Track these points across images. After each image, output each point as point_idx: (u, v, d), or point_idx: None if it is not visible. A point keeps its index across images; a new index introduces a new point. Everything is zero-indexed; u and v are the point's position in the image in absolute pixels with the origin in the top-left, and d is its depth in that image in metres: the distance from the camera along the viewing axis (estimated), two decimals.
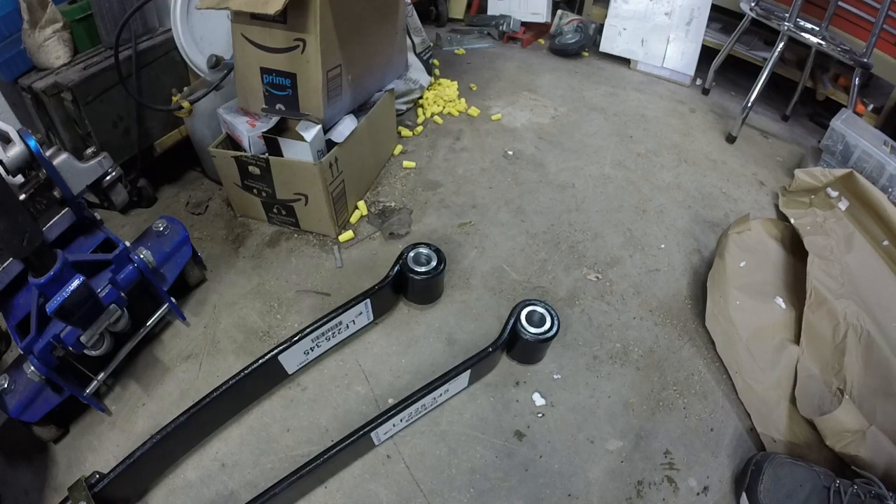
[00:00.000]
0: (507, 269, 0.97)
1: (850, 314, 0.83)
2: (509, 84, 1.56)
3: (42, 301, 0.65)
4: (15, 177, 0.70)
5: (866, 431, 0.68)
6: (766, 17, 1.30)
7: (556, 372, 0.82)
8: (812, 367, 0.80)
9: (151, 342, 0.86)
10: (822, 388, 0.78)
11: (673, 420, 0.76)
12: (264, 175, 0.94)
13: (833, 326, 0.83)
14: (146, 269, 0.77)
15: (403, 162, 1.21)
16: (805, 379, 0.78)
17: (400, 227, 1.04)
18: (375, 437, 0.70)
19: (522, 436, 0.75)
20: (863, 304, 0.87)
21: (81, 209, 0.78)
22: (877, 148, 1.11)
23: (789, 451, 0.72)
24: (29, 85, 0.91)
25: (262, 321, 0.89)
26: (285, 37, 0.82)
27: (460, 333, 0.87)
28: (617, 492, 0.69)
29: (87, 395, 0.74)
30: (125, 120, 0.99)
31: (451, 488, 0.69)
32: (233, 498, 0.69)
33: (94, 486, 0.62)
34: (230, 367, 0.81)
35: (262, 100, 0.90)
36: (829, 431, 0.71)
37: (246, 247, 1.02)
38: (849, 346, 0.80)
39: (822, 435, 0.71)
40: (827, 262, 0.93)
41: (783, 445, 0.73)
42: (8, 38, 0.91)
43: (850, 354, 0.80)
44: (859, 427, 0.69)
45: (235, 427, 0.76)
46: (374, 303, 0.82)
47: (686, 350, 0.85)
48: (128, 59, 0.94)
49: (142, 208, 1.11)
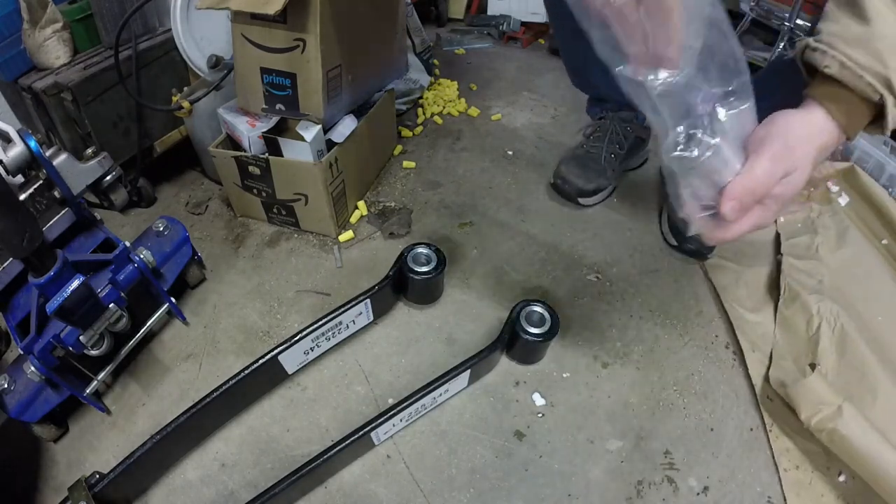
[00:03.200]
0: (507, 269, 0.97)
1: (823, 309, 0.84)
2: (509, 84, 1.56)
3: (42, 301, 0.65)
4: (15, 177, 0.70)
5: (842, 405, 0.68)
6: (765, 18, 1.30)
7: (556, 372, 0.82)
8: (786, 356, 0.80)
9: (151, 342, 0.86)
10: (794, 370, 0.78)
11: (673, 420, 0.76)
12: (264, 175, 0.94)
13: (806, 320, 0.84)
14: (146, 269, 0.77)
15: (403, 162, 1.21)
16: (778, 360, 0.80)
17: (400, 227, 1.04)
18: (375, 437, 0.70)
19: (522, 436, 0.75)
20: (843, 300, 0.87)
21: (81, 209, 0.78)
22: (876, 148, 1.11)
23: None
24: (29, 85, 0.91)
25: (262, 321, 0.89)
26: (285, 37, 0.82)
27: (460, 333, 0.87)
28: (617, 492, 0.69)
29: (86, 394, 0.74)
30: (125, 120, 0.99)
31: (451, 488, 0.69)
32: (233, 498, 0.69)
33: (94, 486, 0.62)
34: (230, 367, 0.81)
35: (262, 100, 0.90)
36: (803, 402, 0.70)
37: (246, 247, 1.02)
38: (822, 337, 0.81)
39: (797, 409, 0.71)
40: (805, 260, 0.93)
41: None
42: (8, 38, 0.91)
43: (823, 344, 0.80)
44: (834, 399, 0.69)
45: (235, 427, 0.76)
46: (373, 303, 0.82)
47: (686, 350, 0.85)
48: (128, 59, 0.94)
49: (142, 208, 1.11)
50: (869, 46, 0.46)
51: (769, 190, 0.47)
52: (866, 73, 0.46)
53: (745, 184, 0.46)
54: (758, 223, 0.49)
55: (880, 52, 0.46)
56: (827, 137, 0.49)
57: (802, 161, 0.48)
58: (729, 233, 0.49)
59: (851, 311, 0.85)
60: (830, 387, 0.71)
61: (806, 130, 0.49)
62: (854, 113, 0.49)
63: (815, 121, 0.49)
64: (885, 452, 0.64)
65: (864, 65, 0.46)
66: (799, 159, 0.48)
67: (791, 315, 0.85)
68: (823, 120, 0.49)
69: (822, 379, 0.72)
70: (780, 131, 0.48)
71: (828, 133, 0.49)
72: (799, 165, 0.48)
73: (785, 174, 0.47)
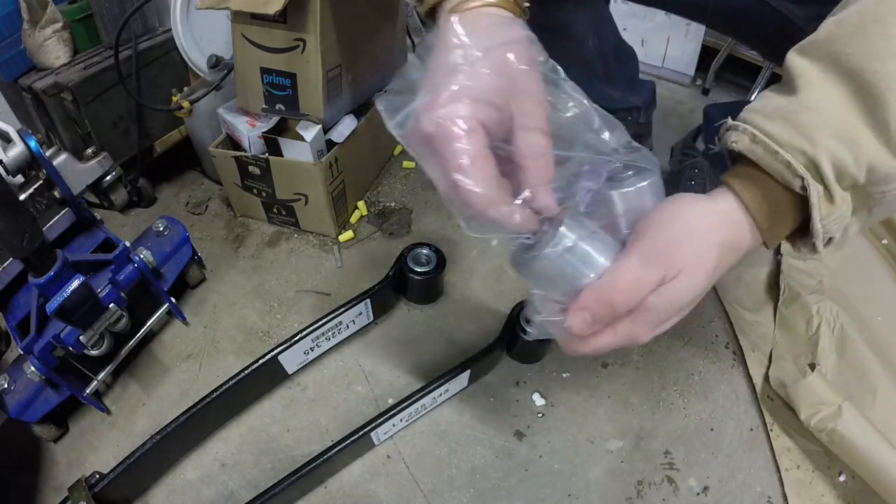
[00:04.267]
0: (507, 269, 0.97)
1: (822, 309, 0.84)
2: None
3: (42, 301, 0.65)
4: (15, 177, 0.70)
5: (842, 405, 0.68)
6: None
7: (556, 372, 0.82)
8: (785, 356, 0.80)
9: (151, 342, 0.86)
10: (794, 369, 0.78)
11: (673, 420, 0.76)
12: (264, 175, 0.94)
13: (806, 320, 0.84)
14: (146, 269, 0.77)
15: (403, 162, 1.21)
16: (778, 360, 0.79)
17: (400, 227, 1.04)
18: (375, 437, 0.70)
19: (522, 436, 0.75)
20: (843, 300, 0.87)
21: (81, 209, 0.78)
22: None
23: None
24: (29, 85, 0.91)
25: (262, 321, 0.89)
26: (285, 37, 0.82)
27: (460, 333, 0.87)
28: (617, 492, 0.69)
29: (86, 394, 0.74)
30: (125, 120, 0.99)
31: (451, 488, 0.69)
32: (233, 498, 0.69)
33: (94, 486, 0.62)
34: (230, 367, 0.81)
35: (262, 100, 0.90)
36: (803, 402, 0.70)
37: (246, 247, 1.02)
38: (822, 337, 0.81)
39: (797, 409, 0.71)
40: (805, 261, 0.93)
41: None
42: (8, 38, 0.91)
43: (822, 344, 0.80)
44: (834, 399, 0.69)
45: (235, 427, 0.76)
46: (374, 303, 0.82)
47: (686, 350, 0.85)
48: (128, 59, 0.94)
49: (142, 208, 1.11)
50: (792, 119, 0.34)
51: (636, 299, 0.35)
52: (784, 150, 0.34)
53: (601, 291, 0.35)
54: (625, 341, 0.38)
55: (807, 126, 0.34)
56: (734, 234, 0.37)
57: (691, 262, 0.36)
58: (586, 347, 0.38)
59: (851, 311, 0.85)
60: (830, 387, 0.71)
61: (704, 220, 0.36)
62: (773, 206, 0.36)
63: (718, 209, 0.37)
64: (884, 452, 0.64)
65: (782, 140, 0.34)
66: (686, 259, 0.35)
67: (790, 315, 0.85)
68: (730, 209, 0.37)
69: (821, 379, 0.72)
70: (664, 219, 0.37)
71: (735, 228, 0.37)
72: (684, 268, 0.35)
73: (662, 280, 0.35)
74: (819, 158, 0.33)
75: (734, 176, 0.38)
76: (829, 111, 0.34)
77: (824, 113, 0.34)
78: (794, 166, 0.34)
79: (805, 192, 0.34)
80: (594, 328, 0.37)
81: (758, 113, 0.36)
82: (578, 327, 0.36)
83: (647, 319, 0.37)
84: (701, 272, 0.36)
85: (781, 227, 0.37)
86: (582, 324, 0.36)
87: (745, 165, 0.37)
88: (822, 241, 0.36)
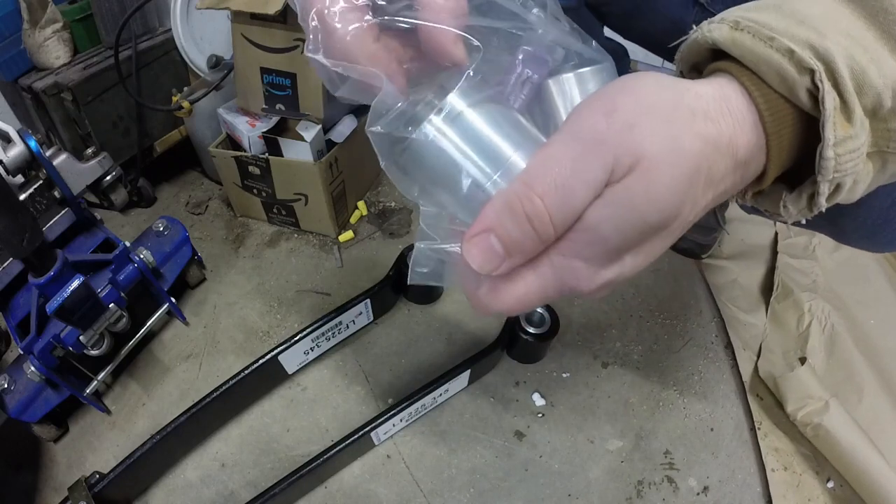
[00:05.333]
0: None
1: (815, 307, 0.84)
2: None
3: (42, 301, 0.66)
4: (15, 177, 0.70)
5: (829, 401, 0.68)
6: None
7: (556, 372, 0.82)
8: (774, 349, 0.81)
9: (151, 342, 0.86)
10: (783, 364, 0.79)
11: (673, 420, 0.76)
12: (264, 175, 0.94)
13: (798, 316, 0.84)
14: (146, 269, 0.77)
15: None
16: (767, 353, 0.80)
17: (400, 227, 1.04)
18: (375, 437, 0.70)
19: (522, 436, 0.75)
20: (837, 301, 0.87)
21: (81, 209, 0.78)
22: None
23: None
24: (29, 85, 0.91)
25: (262, 321, 0.89)
26: (285, 37, 0.82)
27: (460, 333, 0.87)
28: (617, 492, 0.69)
29: (86, 394, 0.74)
30: (125, 120, 0.99)
31: (451, 488, 0.69)
32: (233, 498, 0.69)
33: (94, 486, 0.62)
34: (230, 367, 0.81)
35: (262, 100, 0.90)
36: (791, 394, 0.71)
37: (246, 247, 1.02)
38: (812, 335, 0.81)
39: (784, 401, 0.71)
40: (801, 259, 0.93)
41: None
42: (8, 38, 0.91)
43: (812, 342, 0.81)
44: (822, 394, 0.69)
45: (235, 427, 0.76)
46: (374, 303, 0.82)
47: (686, 350, 0.85)
48: (128, 59, 0.94)
49: (142, 208, 1.11)
50: (787, 9, 0.24)
51: (569, 211, 0.22)
52: (783, 37, 0.23)
53: (513, 199, 0.22)
54: (557, 287, 0.24)
55: (811, 17, 0.23)
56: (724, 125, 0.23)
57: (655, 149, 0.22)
58: (497, 301, 0.25)
59: (844, 313, 0.86)
60: (819, 381, 0.71)
61: (673, 95, 0.23)
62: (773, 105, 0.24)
63: (699, 90, 0.24)
64: (868, 453, 0.64)
65: (779, 28, 0.23)
66: (644, 145, 0.22)
67: (782, 310, 0.86)
68: (719, 88, 0.24)
69: (811, 372, 0.72)
70: (610, 93, 0.23)
71: (726, 119, 0.23)
72: (643, 156, 0.21)
73: (608, 177, 0.22)
74: (831, 53, 0.22)
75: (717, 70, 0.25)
76: (834, 17, 0.24)
77: (829, 16, 0.24)
78: (798, 54, 0.22)
79: (815, 99, 0.22)
80: (506, 264, 0.23)
81: (739, 9, 0.25)
82: (480, 261, 0.23)
83: (588, 248, 0.23)
84: (671, 168, 0.21)
85: (785, 146, 0.24)
86: (485, 255, 0.23)
87: (722, 73, 0.25)
88: (828, 184, 0.24)
